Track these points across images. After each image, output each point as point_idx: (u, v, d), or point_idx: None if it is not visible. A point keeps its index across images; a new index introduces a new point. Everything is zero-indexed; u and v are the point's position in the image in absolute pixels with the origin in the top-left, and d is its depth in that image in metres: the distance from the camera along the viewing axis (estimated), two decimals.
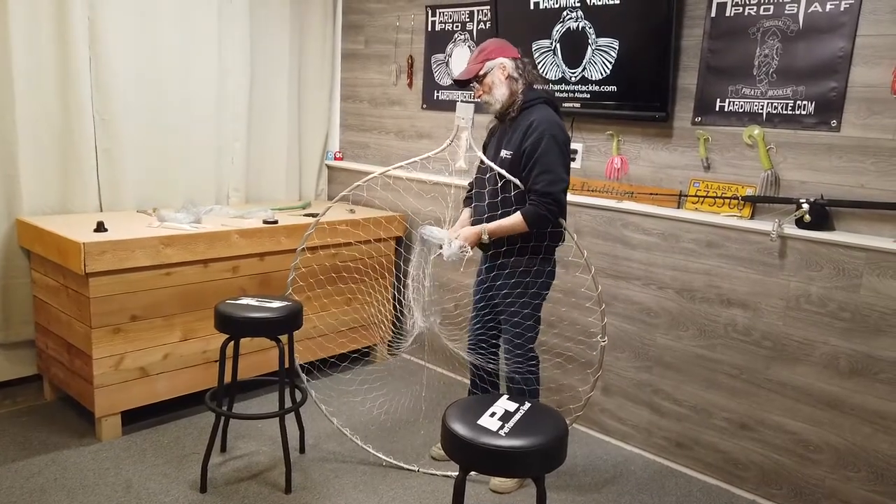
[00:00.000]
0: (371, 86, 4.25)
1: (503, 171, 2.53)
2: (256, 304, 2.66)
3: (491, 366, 2.84)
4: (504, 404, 1.94)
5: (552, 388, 3.41)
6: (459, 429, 1.79)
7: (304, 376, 3.13)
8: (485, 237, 2.54)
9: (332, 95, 4.44)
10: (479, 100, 2.64)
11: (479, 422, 1.82)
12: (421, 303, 2.71)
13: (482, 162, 2.63)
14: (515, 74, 2.58)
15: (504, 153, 2.59)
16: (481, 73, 2.58)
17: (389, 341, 4.07)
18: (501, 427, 1.80)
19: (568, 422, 1.97)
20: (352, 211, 3.94)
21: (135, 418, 3.05)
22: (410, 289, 2.72)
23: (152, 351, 2.99)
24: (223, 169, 3.92)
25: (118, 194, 3.49)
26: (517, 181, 2.53)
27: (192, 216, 3.21)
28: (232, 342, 2.67)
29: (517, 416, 1.87)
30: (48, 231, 2.92)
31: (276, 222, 3.38)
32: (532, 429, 1.80)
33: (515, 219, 2.51)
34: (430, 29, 3.87)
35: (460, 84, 2.65)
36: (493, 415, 1.86)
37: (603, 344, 2.48)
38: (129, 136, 3.46)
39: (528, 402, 1.97)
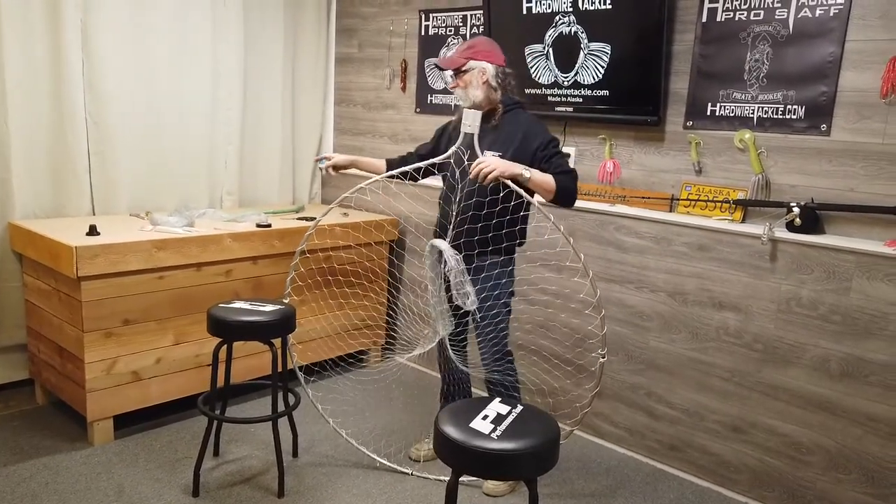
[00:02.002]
0: (365, 89, 4.26)
1: (514, 185, 2.44)
2: (249, 307, 2.65)
3: (463, 367, 2.83)
4: (496, 407, 1.94)
5: (545, 392, 3.42)
6: (452, 432, 1.79)
7: (301, 376, 3.11)
8: (526, 174, 2.43)
9: (325, 99, 4.45)
10: (452, 90, 2.66)
11: (472, 425, 1.82)
12: (439, 310, 2.69)
13: (457, 164, 2.58)
14: (494, 83, 2.60)
15: (491, 154, 2.56)
16: (463, 68, 2.60)
17: (384, 345, 4.07)
18: (493, 430, 1.80)
19: (562, 436, 1.97)
20: (345, 214, 3.94)
21: (127, 422, 3.04)
22: (432, 296, 2.69)
23: (145, 355, 2.98)
24: (216, 172, 3.92)
25: (111, 198, 3.48)
26: (516, 187, 2.44)
27: (185, 220, 3.21)
28: (225, 346, 2.66)
29: (509, 419, 1.87)
30: (40, 235, 2.91)
31: (269, 226, 3.38)
32: (524, 431, 1.80)
33: (549, 180, 2.47)
34: (423, 33, 3.89)
35: (440, 68, 2.68)
36: (485, 418, 1.87)
37: (602, 361, 2.45)
38: (122, 139, 3.46)
39: (521, 405, 1.97)
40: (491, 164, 2.38)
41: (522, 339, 3.44)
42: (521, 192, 2.44)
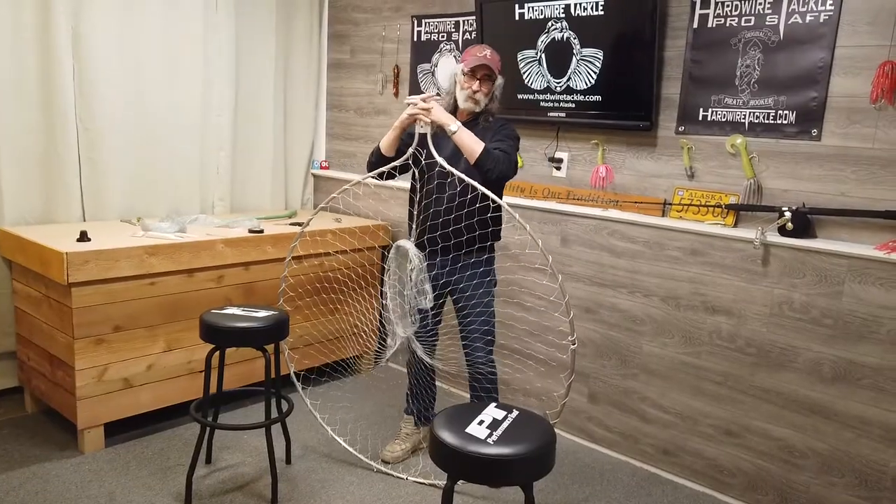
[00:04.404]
0: (357, 95, 4.26)
1: (469, 179, 2.49)
2: (242, 313, 2.64)
3: (430, 359, 2.88)
4: (492, 412, 1.94)
5: (530, 393, 3.41)
6: (448, 437, 1.78)
7: (299, 385, 3.10)
8: (453, 127, 2.51)
9: (318, 104, 4.45)
10: (473, 91, 2.65)
11: (468, 430, 1.82)
12: (400, 313, 2.71)
13: (442, 166, 2.57)
14: (497, 94, 2.73)
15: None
16: (496, 77, 2.69)
17: (375, 350, 4.05)
18: (489, 435, 1.80)
19: None
20: (338, 220, 3.93)
21: (118, 430, 3.01)
22: (389, 299, 2.73)
23: (136, 362, 2.96)
24: (208, 178, 3.90)
25: (102, 204, 3.46)
26: (481, 187, 2.47)
27: (176, 225, 3.19)
28: (217, 352, 2.65)
29: (505, 424, 1.86)
30: (30, 241, 2.88)
31: (261, 231, 3.37)
32: (520, 436, 1.80)
33: (477, 143, 2.52)
34: (415, 39, 3.89)
35: (477, 67, 2.63)
36: (481, 423, 1.86)
37: (573, 347, 2.44)
38: (113, 145, 3.44)
39: (516, 409, 1.97)
40: (429, 108, 2.52)
41: (513, 342, 3.44)
42: (473, 182, 2.47)
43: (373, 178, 2.79)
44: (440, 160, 2.53)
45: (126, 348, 2.92)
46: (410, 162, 2.69)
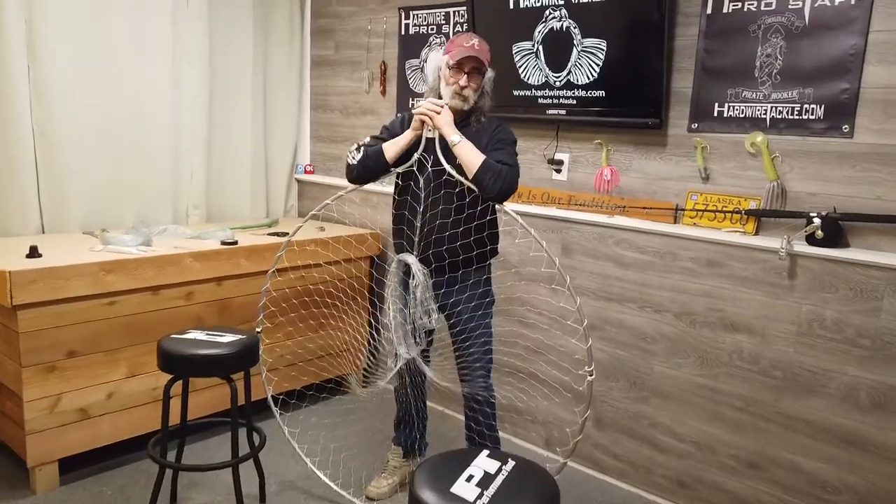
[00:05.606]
0: (342, 94, 3.98)
1: (457, 174, 2.29)
2: (205, 338, 2.35)
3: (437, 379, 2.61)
4: (483, 464, 1.64)
5: (539, 422, 3.13)
6: (430, 499, 1.49)
7: (277, 412, 2.81)
8: (455, 138, 2.26)
9: (300, 105, 4.16)
10: (461, 87, 2.35)
11: (453, 489, 1.52)
12: (402, 332, 2.45)
13: (450, 174, 2.33)
14: (488, 89, 2.43)
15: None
16: (486, 70, 2.39)
17: (364, 370, 3.76)
18: (480, 496, 1.51)
19: (555, 470, 1.69)
20: (322, 229, 3.64)
21: (75, 466, 2.73)
22: (391, 317, 2.46)
23: (93, 390, 2.68)
24: (181, 185, 3.62)
25: (63, 214, 3.19)
26: (460, 177, 2.28)
27: (140, 238, 2.91)
28: (179, 381, 2.36)
29: (498, 480, 1.57)
30: None
31: (235, 243, 3.09)
32: (516, 496, 1.51)
33: (478, 156, 2.25)
34: (403, 32, 3.61)
35: (464, 60, 2.33)
36: (469, 479, 1.57)
37: (590, 379, 2.19)
38: (74, 150, 3.16)
39: (512, 459, 1.68)
40: (439, 112, 2.29)
41: (517, 364, 3.16)
42: (463, 179, 2.27)
43: (372, 185, 2.54)
44: (449, 168, 2.30)
45: (82, 375, 2.64)
46: (415, 169, 2.40)
